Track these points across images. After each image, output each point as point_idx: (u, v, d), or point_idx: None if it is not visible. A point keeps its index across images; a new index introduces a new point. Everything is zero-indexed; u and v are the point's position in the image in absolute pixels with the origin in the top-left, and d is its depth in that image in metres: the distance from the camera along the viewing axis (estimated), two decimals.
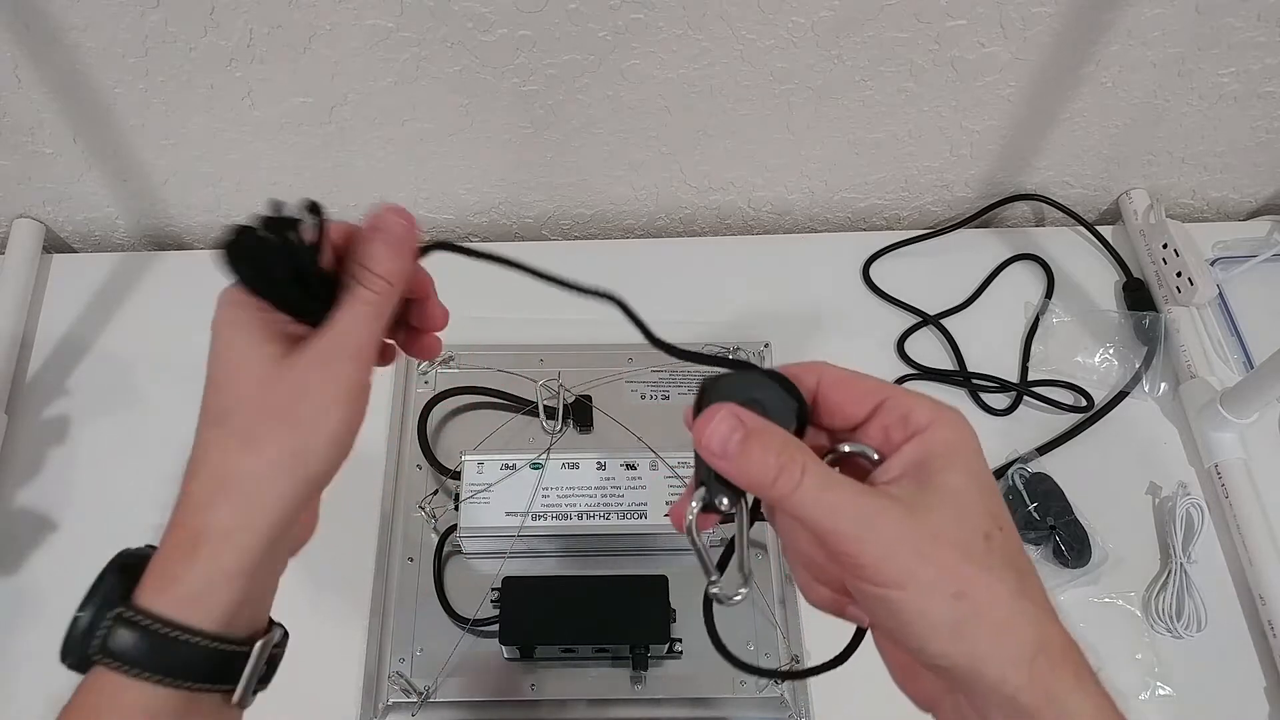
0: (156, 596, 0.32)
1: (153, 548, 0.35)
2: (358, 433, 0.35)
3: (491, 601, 0.61)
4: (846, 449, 0.34)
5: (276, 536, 0.33)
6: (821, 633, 0.63)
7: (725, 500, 0.33)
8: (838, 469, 0.33)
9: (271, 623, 0.36)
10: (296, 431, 0.33)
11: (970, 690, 0.30)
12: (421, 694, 0.60)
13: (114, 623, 0.31)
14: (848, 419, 0.34)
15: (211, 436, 0.34)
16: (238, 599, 0.32)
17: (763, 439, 0.31)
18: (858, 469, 0.34)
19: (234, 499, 0.33)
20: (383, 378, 0.72)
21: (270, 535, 0.32)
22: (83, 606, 0.32)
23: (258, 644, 0.33)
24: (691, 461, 0.67)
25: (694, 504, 0.33)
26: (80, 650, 0.32)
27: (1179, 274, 0.75)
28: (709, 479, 0.33)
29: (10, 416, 0.71)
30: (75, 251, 0.84)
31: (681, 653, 0.61)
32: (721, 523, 0.35)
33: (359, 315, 0.35)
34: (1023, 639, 0.29)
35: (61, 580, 0.66)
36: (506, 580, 0.60)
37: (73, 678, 0.66)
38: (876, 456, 0.33)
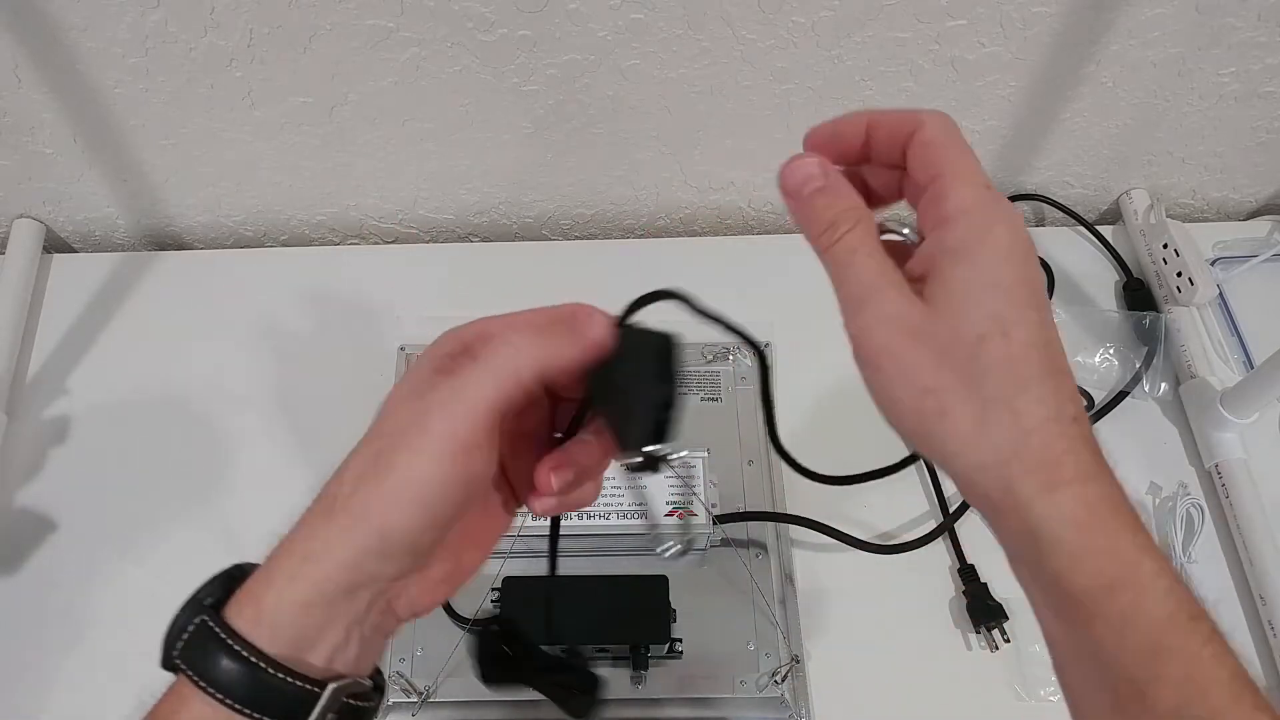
0: (238, 612, 0.30)
1: None
2: (453, 507, 0.31)
3: (492, 601, 0.61)
4: (886, 226, 0.34)
5: (354, 582, 0.31)
6: (821, 633, 0.63)
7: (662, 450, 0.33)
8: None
9: (374, 675, 0.34)
10: (381, 486, 0.31)
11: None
12: (421, 694, 0.60)
13: (195, 630, 0.30)
14: (916, 183, 0.33)
15: (348, 462, 0.32)
16: (311, 632, 0.30)
17: (832, 193, 0.33)
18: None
19: (326, 531, 0.31)
20: (383, 377, 0.72)
21: (344, 578, 0.30)
22: (184, 606, 0.31)
23: (329, 687, 0.30)
24: (692, 464, 0.67)
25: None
26: (166, 651, 0.31)
27: (1179, 274, 0.75)
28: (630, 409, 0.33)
29: (10, 416, 0.71)
30: (75, 251, 0.84)
31: (681, 652, 0.61)
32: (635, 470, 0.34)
33: (483, 377, 0.31)
34: (990, 445, 0.29)
35: (61, 580, 0.66)
36: (507, 580, 0.60)
37: (76, 675, 0.66)
38: (906, 234, 0.33)
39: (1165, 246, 0.76)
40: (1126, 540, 0.29)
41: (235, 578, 0.32)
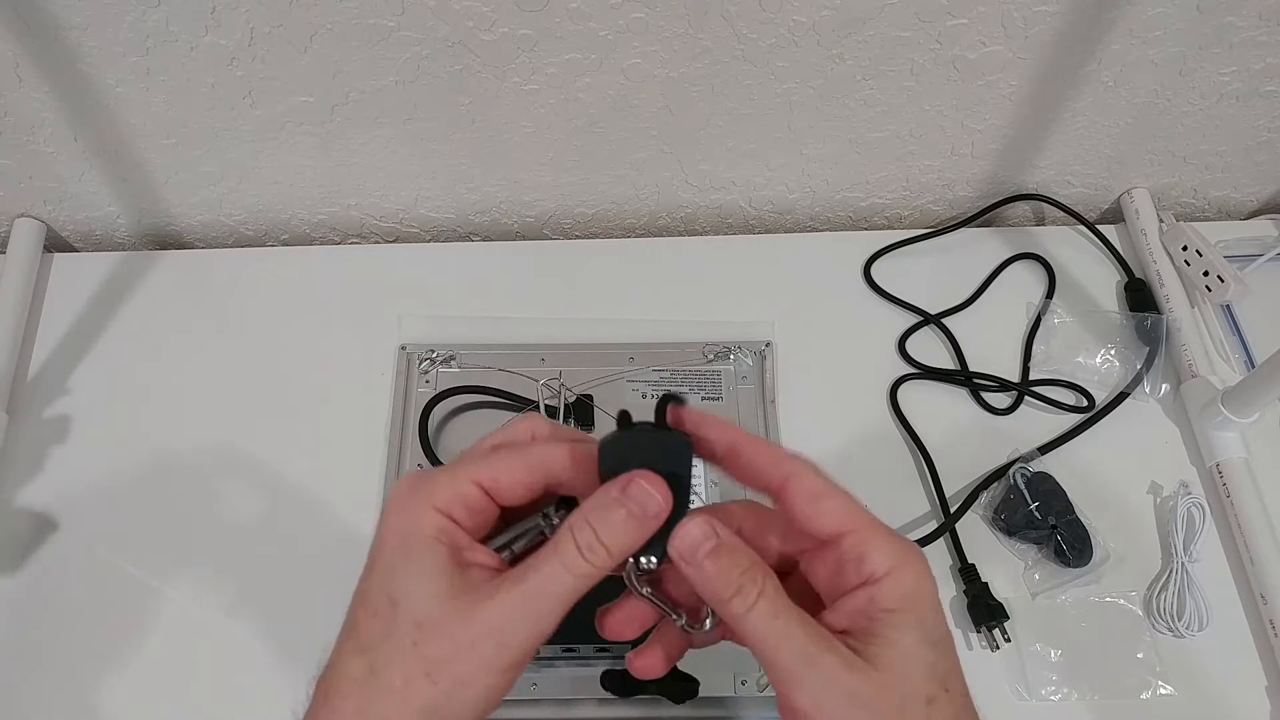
0: None
1: None
2: (505, 694, 0.31)
3: None
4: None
5: None
6: None
7: (654, 560, 0.33)
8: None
9: None
10: (435, 688, 0.29)
11: None
12: None
13: None
14: (807, 535, 0.33)
15: (351, 667, 0.31)
16: None
17: (731, 554, 0.31)
18: (809, 595, 0.33)
19: None
20: (383, 377, 0.72)
21: None
22: None
23: None
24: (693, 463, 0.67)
25: (630, 562, 0.33)
26: None
27: (1206, 273, 0.75)
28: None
29: (11, 416, 0.71)
30: (76, 250, 0.84)
31: None
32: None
33: (557, 583, 0.30)
34: None
35: (62, 580, 0.66)
36: None
37: (76, 674, 0.66)
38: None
39: (1185, 249, 0.76)
40: None
41: None
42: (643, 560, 0.33)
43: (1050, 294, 0.78)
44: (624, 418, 0.34)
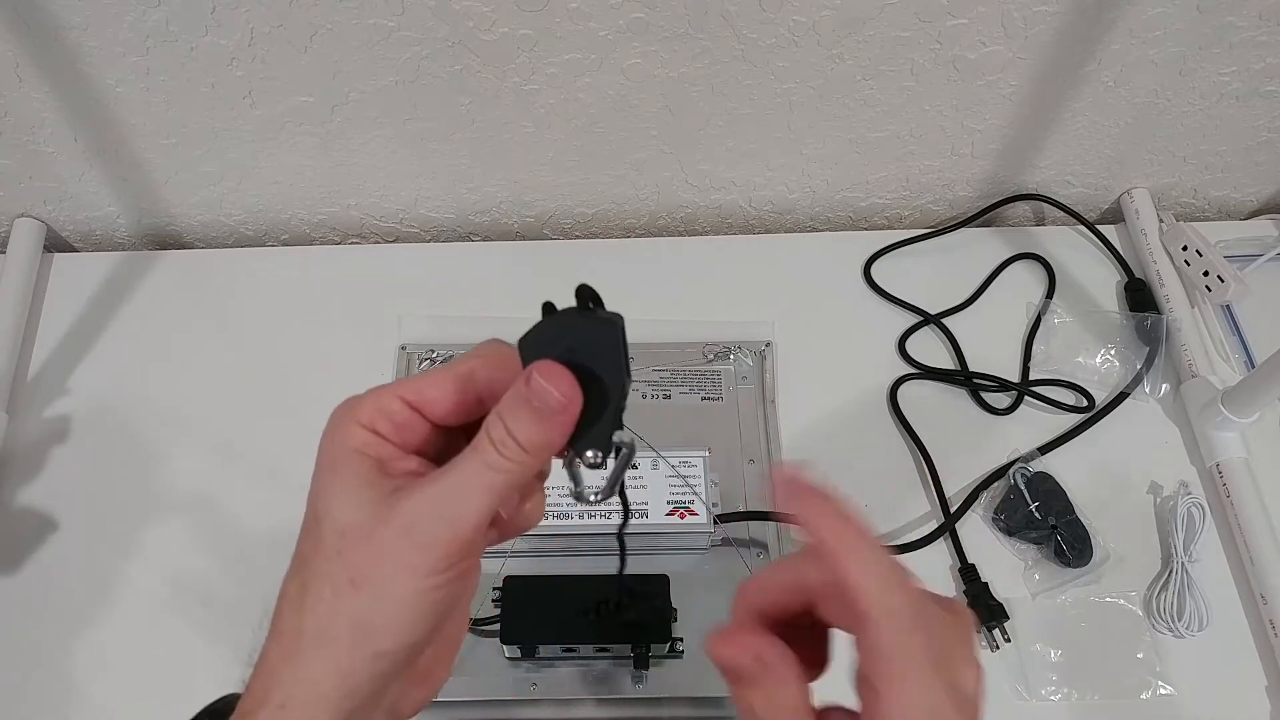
0: None
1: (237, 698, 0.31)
2: (448, 612, 0.30)
3: (492, 601, 0.61)
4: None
5: (348, 710, 0.29)
6: None
7: (600, 454, 0.32)
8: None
9: None
10: (360, 596, 0.29)
11: None
12: None
13: None
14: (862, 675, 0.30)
15: (289, 587, 0.31)
16: None
17: (739, 640, 0.32)
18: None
19: (295, 667, 0.29)
20: (382, 376, 0.72)
21: (335, 711, 0.29)
22: None
23: None
24: (693, 463, 0.67)
25: (570, 454, 0.32)
26: None
27: (1206, 273, 0.75)
28: (588, 431, 0.31)
29: (10, 416, 0.71)
30: (76, 250, 0.84)
31: (683, 652, 0.61)
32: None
33: (473, 479, 0.29)
34: None
35: (62, 580, 0.66)
36: (507, 580, 0.60)
37: (76, 674, 0.66)
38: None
39: (1185, 249, 0.76)
40: None
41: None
42: (589, 454, 0.31)
43: (1050, 294, 0.78)
44: (547, 307, 0.32)
